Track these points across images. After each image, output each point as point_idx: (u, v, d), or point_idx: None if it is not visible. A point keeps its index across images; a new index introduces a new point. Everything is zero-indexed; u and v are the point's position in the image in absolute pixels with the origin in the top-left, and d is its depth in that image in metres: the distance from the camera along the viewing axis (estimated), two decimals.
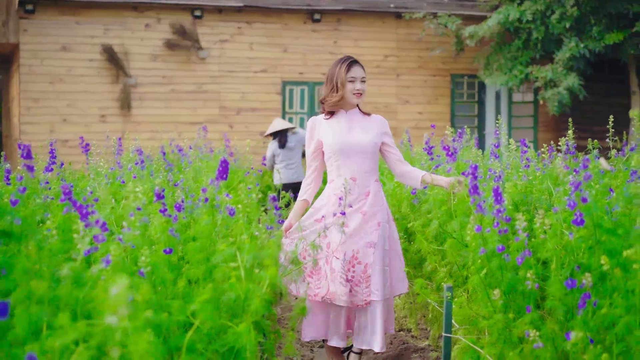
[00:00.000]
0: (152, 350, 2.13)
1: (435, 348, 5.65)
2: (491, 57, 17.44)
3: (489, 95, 18.84)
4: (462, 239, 4.40)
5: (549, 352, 3.33)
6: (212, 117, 17.14)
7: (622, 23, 16.41)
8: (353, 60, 5.09)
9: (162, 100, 17.10)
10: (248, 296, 3.24)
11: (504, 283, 3.68)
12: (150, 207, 3.88)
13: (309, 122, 5.22)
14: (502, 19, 16.38)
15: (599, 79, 18.43)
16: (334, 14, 17.83)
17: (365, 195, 4.98)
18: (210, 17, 17.34)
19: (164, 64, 17.14)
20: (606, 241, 3.32)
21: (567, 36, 16.33)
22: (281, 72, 17.71)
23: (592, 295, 3.11)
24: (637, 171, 3.91)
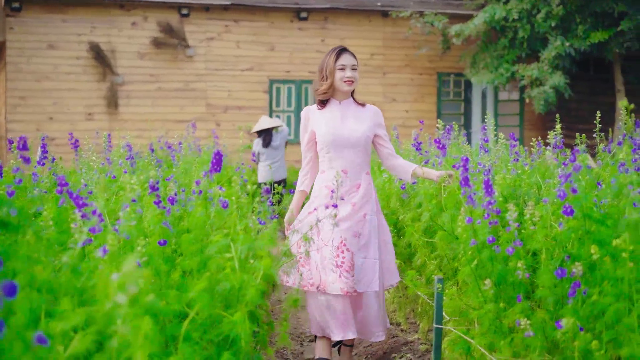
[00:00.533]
0: (152, 335, 2.16)
1: (424, 341, 5.69)
2: (477, 55, 17.53)
3: (475, 94, 18.93)
4: (452, 231, 4.44)
5: (539, 340, 3.37)
6: (199, 115, 17.15)
7: (607, 22, 16.52)
8: (343, 48, 5.03)
9: (149, 99, 17.10)
10: (243, 286, 3.27)
11: (495, 274, 3.72)
12: (143, 201, 3.90)
13: (303, 112, 5.16)
14: (488, 17, 16.47)
15: (584, 78, 18.55)
16: (321, 13, 17.87)
17: (357, 188, 4.95)
18: (197, 15, 17.35)
19: (151, 62, 17.15)
20: (595, 231, 3.37)
21: (553, 35, 16.43)
22: (268, 71, 17.74)
23: (581, 284, 3.16)
24: (625, 163, 3.96)
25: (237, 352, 3.14)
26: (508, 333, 3.71)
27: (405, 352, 5.55)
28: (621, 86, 17.32)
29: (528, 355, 3.52)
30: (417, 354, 5.46)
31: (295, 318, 6.84)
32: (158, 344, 2.28)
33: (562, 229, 3.43)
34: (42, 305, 2.41)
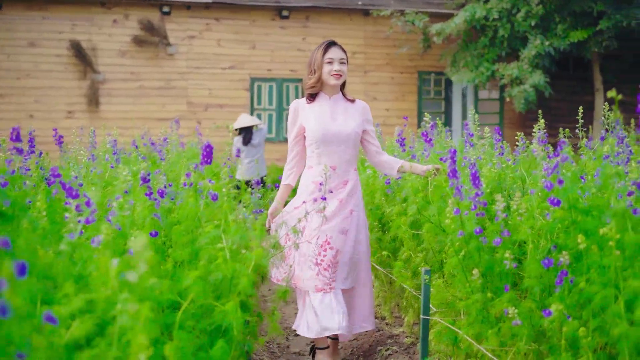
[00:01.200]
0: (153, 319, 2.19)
1: (409, 334, 5.73)
2: (458, 54, 17.62)
3: (456, 93, 19.03)
4: (439, 224, 4.49)
5: (526, 329, 3.43)
6: (180, 113, 17.14)
7: (586, 21, 16.65)
8: (331, 42, 5.02)
9: (130, 97, 17.08)
10: (235, 276, 3.30)
11: (482, 264, 3.77)
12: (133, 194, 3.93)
13: (292, 106, 5.13)
14: (468, 16, 16.56)
15: (563, 77, 18.70)
16: (302, 11, 17.90)
17: (344, 184, 4.96)
18: (178, 13, 17.33)
19: (131, 60, 17.12)
20: (582, 221, 3.43)
21: (533, 34, 16.54)
22: (249, 69, 17.75)
23: (568, 273, 3.21)
24: (609, 156, 4.03)
25: (229, 340, 3.18)
26: (495, 323, 3.76)
27: (391, 344, 5.59)
28: (600, 85, 17.46)
29: (515, 344, 3.58)
30: (403, 346, 5.51)
31: (280, 312, 6.87)
32: (158, 329, 2.31)
33: (549, 220, 3.48)
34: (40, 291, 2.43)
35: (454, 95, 19.06)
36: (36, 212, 3.21)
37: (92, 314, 2.28)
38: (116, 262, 2.19)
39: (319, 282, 4.81)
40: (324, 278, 4.81)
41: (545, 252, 3.51)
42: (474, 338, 3.87)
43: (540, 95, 17.21)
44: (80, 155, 5.64)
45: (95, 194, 2.86)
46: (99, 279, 2.51)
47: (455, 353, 4.37)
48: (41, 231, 2.93)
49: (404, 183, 5.87)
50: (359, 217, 5.01)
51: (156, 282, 2.08)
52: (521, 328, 3.42)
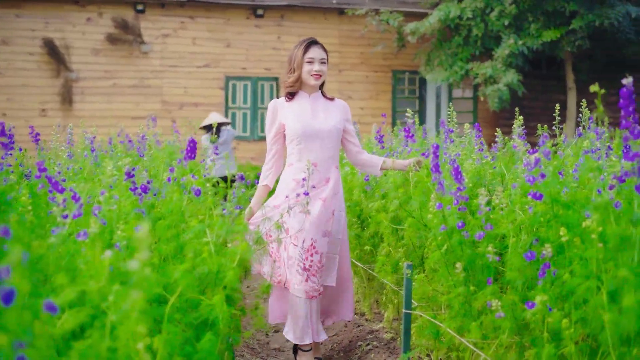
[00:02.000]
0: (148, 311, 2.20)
1: (389, 330, 5.77)
2: (432, 53, 17.70)
3: (430, 91, 19.13)
4: (421, 218, 4.53)
5: (508, 321, 3.47)
6: (155, 111, 17.08)
7: (559, 21, 16.79)
8: (313, 41, 4.98)
9: (104, 95, 17.00)
10: (221, 269, 3.32)
11: (464, 258, 3.81)
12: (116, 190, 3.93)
13: (270, 105, 5.04)
14: (442, 16, 16.64)
15: (536, 76, 18.86)
16: (277, 10, 17.90)
17: (326, 182, 4.91)
18: (152, 11, 17.28)
19: (105, 58, 17.04)
20: (563, 215, 3.47)
21: (506, 33, 16.66)
22: (224, 67, 17.73)
23: (551, 266, 3.26)
24: (589, 151, 4.08)
25: (215, 334, 3.19)
26: (477, 316, 3.80)
27: (371, 340, 5.62)
28: (572, 84, 17.62)
29: (497, 336, 3.63)
30: (383, 342, 5.55)
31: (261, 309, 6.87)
32: (151, 320, 2.32)
33: (531, 213, 3.53)
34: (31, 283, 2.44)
35: (428, 94, 19.16)
36: (21, 207, 3.21)
37: (85, 306, 2.29)
38: (109, 253, 2.20)
39: (309, 289, 4.79)
40: (313, 284, 4.80)
41: (528, 245, 3.55)
42: (456, 331, 3.91)
43: (514, 94, 17.35)
44: (61, 151, 5.61)
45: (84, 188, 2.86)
46: (90, 270, 2.52)
47: (437, 347, 4.41)
48: (29, 225, 2.93)
49: (383, 179, 5.91)
50: (341, 218, 4.97)
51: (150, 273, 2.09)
52: (504, 320, 3.46)
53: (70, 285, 2.30)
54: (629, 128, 2.92)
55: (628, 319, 2.46)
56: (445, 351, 4.40)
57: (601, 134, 4.36)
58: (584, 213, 3.35)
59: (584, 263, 3.06)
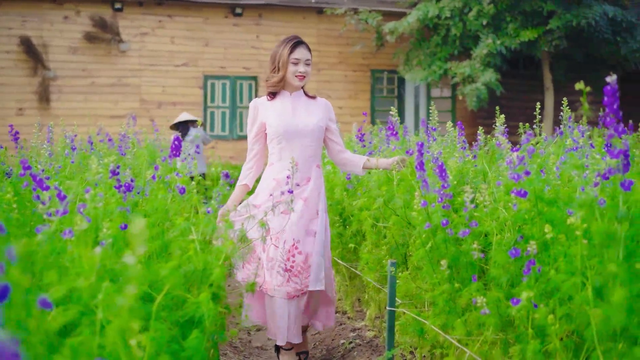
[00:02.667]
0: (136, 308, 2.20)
1: (371, 328, 5.79)
2: (411, 53, 17.76)
3: (408, 91, 19.18)
4: (405, 216, 4.54)
5: (493, 318, 3.49)
6: (133, 110, 17.01)
7: (536, 20, 16.90)
8: (299, 40, 4.86)
9: (82, 94, 16.91)
10: (207, 267, 3.32)
11: (449, 256, 3.83)
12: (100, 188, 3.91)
13: (251, 104, 4.99)
14: (421, 15, 16.70)
15: (514, 75, 18.96)
16: (256, 9, 17.89)
17: (307, 181, 4.84)
18: (130, 10, 17.21)
19: (83, 57, 16.95)
20: (548, 212, 3.50)
21: (484, 33, 16.74)
22: (202, 66, 17.69)
23: (536, 262, 3.28)
24: (572, 149, 4.11)
25: (202, 332, 3.19)
26: (461, 313, 3.82)
27: (354, 338, 5.64)
28: (550, 84, 17.73)
29: (482, 333, 3.65)
30: (365, 339, 5.56)
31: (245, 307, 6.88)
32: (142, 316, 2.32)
33: (515, 211, 3.55)
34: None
35: (406, 93, 19.21)
36: (6, 205, 3.19)
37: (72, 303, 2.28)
38: (99, 250, 2.19)
39: (290, 289, 4.68)
40: (295, 285, 4.69)
41: (512, 242, 3.57)
42: (441, 328, 3.92)
43: (492, 94, 17.42)
44: (43, 149, 5.58)
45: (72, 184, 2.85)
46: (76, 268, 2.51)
47: (421, 344, 4.43)
48: (15, 222, 2.92)
49: (366, 178, 5.92)
50: (323, 218, 4.88)
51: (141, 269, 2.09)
52: (488, 317, 3.48)
53: (58, 283, 2.29)
54: (613, 125, 2.95)
55: (618, 314, 2.48)
56: (429, 348, 4.42)
57: (583, 131, 4.39)
58: (568, 210, 3.37)
59: (569, 260, 3.08)
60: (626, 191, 2.84)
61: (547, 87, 17.73)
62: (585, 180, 3.37)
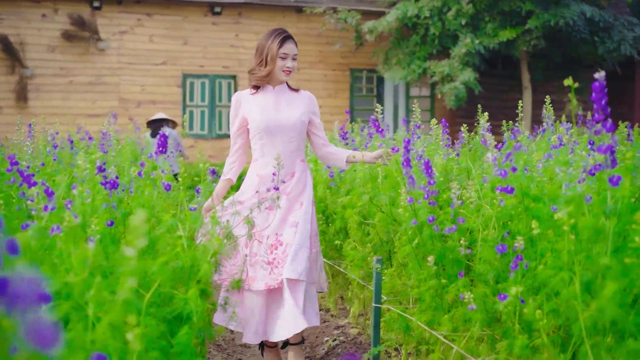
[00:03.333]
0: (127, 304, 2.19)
1: (355, 325, 5.80)
2: (390, 52, 17.79)
3: (387, 90, 19.22)
4: (390, 213, 4.55)
5: (480, 314, 3.51)
6: (112, 109, 16.92)
7: (515, 20, 16.98)
8: (288, 35, 4.77)
9: (60, 92, 16.80)
10: (194, 264, 3.31)
11: (435, 252, 3.84)
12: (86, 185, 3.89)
13: (234, 98, 4.88)
14: (400, 14, 16.73)
15: (493, 75, 19.04)
16: (235, 8, 17.85)
17: (291, 176, 4.75)
18: (109, 8, 17.12)
19: (61, 55, 16.84)
20: (534, 208, 3.52)
21: (463, 32, 16.81)
22: (182, 65, 17.63)
23: (523, 258, 3.30)
24: (556, 146, 4.14)
25: (190, 328, 3.18)
26: (448, 309, 3.84)
27: (338, 335, 5.65)
28: (528, 83, 17.83)
29: (468, 329, 3.66)
30: (350, 337, 5.57)
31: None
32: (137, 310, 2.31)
33: (502, 207, 3.57)
34: None
35: (385, 92, 19.25)
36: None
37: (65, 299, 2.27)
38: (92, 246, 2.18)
39: (269, 280, 4.57)
40: (274, 275, 4.57)
41: (499, 239, 3.59)
42: (427, 325, 3.94)
43: (470, 93, 17.50)
44: (26, 146, 5.56)
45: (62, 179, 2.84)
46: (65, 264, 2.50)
47: (406, 341, 4.44)
48: (3, 218, 2.89)
49: (349, 175, 5.93)
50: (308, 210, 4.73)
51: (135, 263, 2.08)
52: (475, 313, 3.50)
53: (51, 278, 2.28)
54: (601, 121, 2.97)
55: (611, 307, 2.50)
56: (414, 345, 4.43)
57: (568, 128, 4.43)
58: (555, 206, 3.40)
59: (556, 255, 3.10)
60: (614, 187, 2.86)
61: (525, 87, 17.83)
62: (571, 176, 3.40)
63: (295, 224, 4.68)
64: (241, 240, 4.58)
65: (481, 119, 4.67)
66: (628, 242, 2.86)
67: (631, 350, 2.64)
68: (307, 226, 4.72)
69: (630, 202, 2.92)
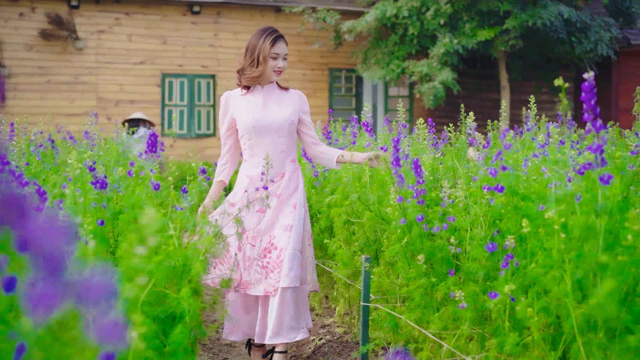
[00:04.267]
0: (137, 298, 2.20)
1: (340, 324, 5.81)
2: (369, 51, 17.83)
3: (366, 89, 19.27)
4: (378, 212, 4.57)
5: (470, 312, 3.53)
6: (90, 108, 16.85)
7: (493, 20, 17.08)
8: (279, 35, 4.73)
9: (38, 92, 16.70)
10: (186, 263, 3.31)
11: (424, 251, 3.87)
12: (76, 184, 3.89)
13: (223, 97, 4.81)
14: (379, 14, 16.78)
15: (471, 74, 19.13)
16: (214, 7, 17.82)
17: (281, 177, 4.68)
18: (87, 7, 17.03)
19: (39, 54, 16.74)
20: (524, 207, 3.56)
21: (442, 32, 16.88)
22: (160, 64, 17.58)
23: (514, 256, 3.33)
24: (544, 145, 4.18)
25: (184, 327, 3.19)
26: (437, 307, 3.87)
27: (324, 334, 5.66)
28: (506, 82, 17.94)
29: (458, 327, 3.69)
30: (335, 336, 5.59)
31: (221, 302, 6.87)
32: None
33: (492, 205, 3.60)
34: None
35: (364, 92, 19.29)
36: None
37: None
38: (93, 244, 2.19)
39: (267, 286, 4.54)
40: (272, 280, 4.53)
41: (488, 237, 3.62)
42: (416, 323, 3.96)
43: (449, 92, 17.58)
44: (12, 146, 5.53)
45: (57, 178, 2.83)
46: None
47: (395, 339, 4.46)
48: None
49: (332, 174, 5.95)
50: (301, 213, 4.70)
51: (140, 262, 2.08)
52: (465, 311, 3.53)
53: None
54: (591, 121, 3.00)
55: (610, 304, 2.53)
56: (402, 343, 4.45)
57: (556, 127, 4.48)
58: (545, 205, 3.43)
59: (547, 253, 3.13)
60: (605, 185, 2.89)
61: (503, 86, 17.93)
62: (559, 175, 3.44)
63: (290, 227, 4.61)
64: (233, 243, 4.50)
65: (468, 118, 4.70)
66: (620, 240, 2.90)
67: (624, 347, 2.68)
68: (300, 229, 4.67)
69: (620, 201, 2.96)
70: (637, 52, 19.59)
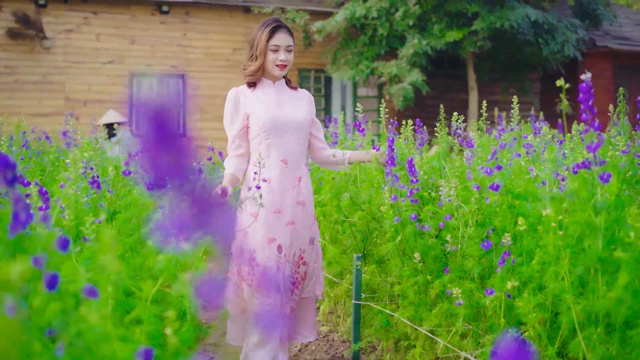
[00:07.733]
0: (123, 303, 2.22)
1: (325, 323, 5.85)
2: (338, 52, 17.89)
3: (335, 90, 19.32)
4: (370, 211, 4.61)
5: (465, 309, 3.59)
6: (58, 108, 16.71)
7: (461, 21, 17.20)
8: (278, 24, 4.34)
9: (5, 91, 16.51)
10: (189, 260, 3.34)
11: (418, 249, 3.92)
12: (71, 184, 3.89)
13: (231, 94, 4.38)
14: (348, 15, 16.84)
15: (440, 75, 19.26)
16: (183, 7, 17.76)
17: (298, 181, 4.35)
18: (54, 6, 16.88)
19: (6, 54, 16.56)
20: (519, 205, 3.63)
21: (411, 33, 16.97)
22: (129, 64, 17.47)
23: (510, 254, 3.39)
24: (532, 145, 4.25)
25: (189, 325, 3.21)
26: (431, 305, 3.92)
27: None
28: (474, 83, 18.08)
29: (452, 324, 3.75)
30: (321, 334, 5.62)
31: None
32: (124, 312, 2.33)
33: (487, 204, 3.66)
34: None
35: (333, 92, 19.34)
36: None
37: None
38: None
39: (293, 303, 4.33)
40: (295, 297, 4.34)
41: (483, 235, 3.69)
42: (409, 321, 4.02)
43: (418, 93, 17.68)
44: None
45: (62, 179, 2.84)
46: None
47: (386, 337, 4.51)
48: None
49: (314, 174, 5.98)
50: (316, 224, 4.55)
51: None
52: (460, 308, 3.58)
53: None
54: (588, 121, 3.07)
55: (627, 298, 2.60)
56: (394, 341, 4.50)
57: (540, 129, 4.55)
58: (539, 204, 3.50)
59: (545, 251, 3.20)
60: (604, 183, 2.96)
61: (472, 87, 18.08)
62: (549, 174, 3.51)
63: (312, 240, 4.44)
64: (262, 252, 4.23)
65: (460, 118, 4.76)
66: (616, 237, 2.97)
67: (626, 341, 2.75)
68: (319, 242, 4.56)
69: (617, 198, 3.03)
70: (603, 53, 19.85)
